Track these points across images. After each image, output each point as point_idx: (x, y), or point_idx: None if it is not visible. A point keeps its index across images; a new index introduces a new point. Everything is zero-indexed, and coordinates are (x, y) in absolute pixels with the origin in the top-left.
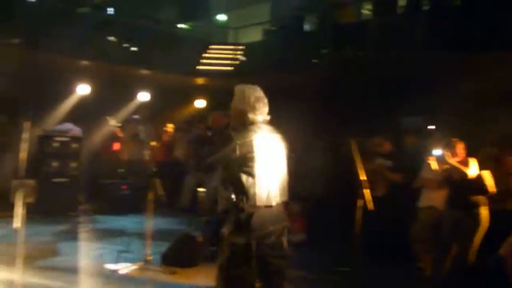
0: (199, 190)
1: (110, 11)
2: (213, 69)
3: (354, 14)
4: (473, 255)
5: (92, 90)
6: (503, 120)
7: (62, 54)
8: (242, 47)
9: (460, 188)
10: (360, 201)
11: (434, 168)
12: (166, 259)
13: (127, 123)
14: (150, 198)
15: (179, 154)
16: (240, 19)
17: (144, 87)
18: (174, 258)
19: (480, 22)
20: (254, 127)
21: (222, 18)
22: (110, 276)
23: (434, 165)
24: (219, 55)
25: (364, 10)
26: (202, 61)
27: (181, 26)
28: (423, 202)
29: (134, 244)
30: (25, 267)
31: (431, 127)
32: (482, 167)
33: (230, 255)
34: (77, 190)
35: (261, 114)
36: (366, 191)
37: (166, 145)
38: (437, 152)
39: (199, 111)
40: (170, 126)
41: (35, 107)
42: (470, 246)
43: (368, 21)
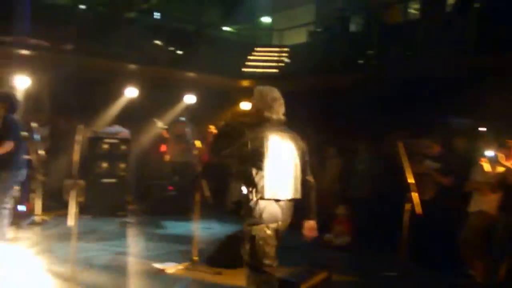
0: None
1: (157, 16)
2: (258, 71)
3: (400, 14)
4: None
5: (139, 93)
6: None
7: (111, 59)
8: (286, 49)
9: None
10: (408, 204)
11: (487, 170)
12: (211, 260)
13: (174, 125)
14: (197, 199)
15: None
16: (284, 21)
17: (190, 90)
18: (219, 259)
19: None
20: (269, 125)
21: (266, 20)
22: (157, 275)
23: (487, 167)
24: (264, 58)
25: (411, 10)
26: (247, 63)
27: (226, 29)
28: (474, 206)
29: (181, 244)
30: (77, 264)
31: (482, 129)
32: None
33: (249, 245)
34: (125, 191)
35: (276, 113)
36: (414, 195)
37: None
38: (489, 153)
39: (245, 113)
40: (214, 127)
41: (87, 110)
42: None
43: (415, 20)
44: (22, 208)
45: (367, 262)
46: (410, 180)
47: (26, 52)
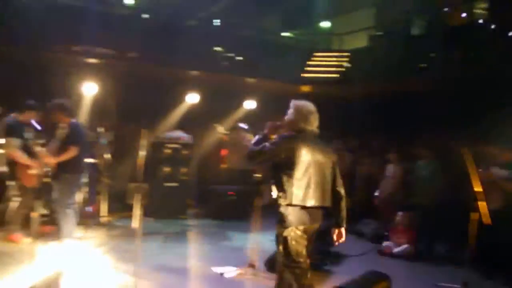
0: None
1: (217, 23)
2: (318, 76)
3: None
4: None
5: (201, 98)
6: None
7: (173, 66)
8: (347, 54)
9: None
10: (474, 214)
11: None
12: (270, 265)
13: (235, 130)
14: (257, 204)
15: None
16: (344, 25)
17: (250, 95)
18: None
19: None
20: (303, 136)
21: (326, 25)
22: (216, 279)
23: None
24: (324, 62)
25: (476, 10)
26: (306, 68)
27: (285, 34)
28: None
29: (240, 248)
30: (139, 266)
31: None
32: None
33: (283, 245)
34: (186, 195)
35: (311, 125)
36: (482, 204)
37: None
38: None
39: None
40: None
41: (150, 116)
42: None
43: (482, 21)
44: (89, 209)
45: (429, 273)
46: (477, 188)
47: (93, 60)
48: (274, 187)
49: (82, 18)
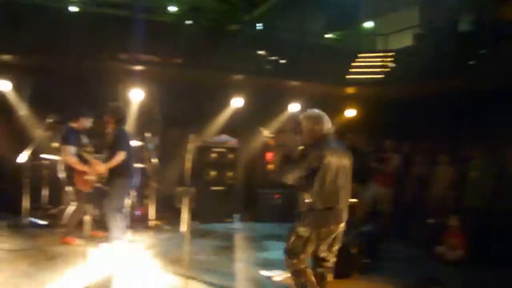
0: (352, 200)
1: (259, 26)
2: (362, 77)
3: None
4: None
5: (245, 102)
6: None
7: (218, 70)
8: (391, 54)
9: None
10: None
11: None
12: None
13: (280, 134)
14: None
15: None
16: (388, 25)
17: (294, 98)
18: None
19: None
20: (325, 143)
21: (369, 25)
22: (264, 282)
23: None
24: (368, 63)
25: None
26: (351, 70)
27: (328, 36)
28: None
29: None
30: (188, 268)
31: None
32: None
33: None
34: (232, 198)
35: (327, 129)
36: None
37: None
38: None
39: (350, 121)
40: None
41: (196, 120)
42: None
43: None
44: (137, 213)
45: (483, 278)
46: None
47: (139, 67)
48: (306, 194)
49: (128, 26)
